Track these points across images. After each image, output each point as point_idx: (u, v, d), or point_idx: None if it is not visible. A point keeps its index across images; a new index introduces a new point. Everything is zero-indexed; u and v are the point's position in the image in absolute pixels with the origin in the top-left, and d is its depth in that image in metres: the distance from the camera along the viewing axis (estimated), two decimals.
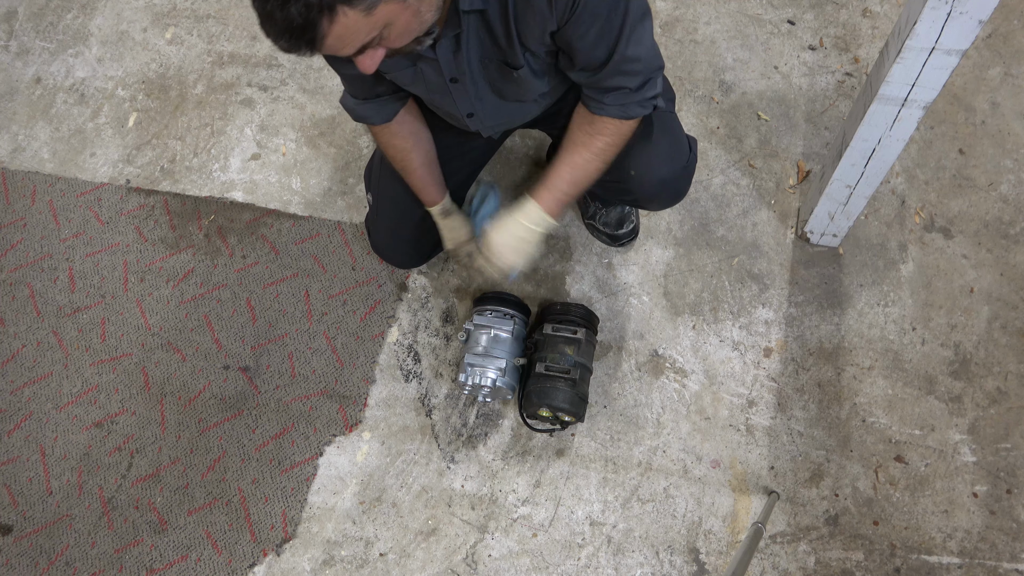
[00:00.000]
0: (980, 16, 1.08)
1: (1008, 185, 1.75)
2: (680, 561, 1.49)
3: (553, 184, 1.30)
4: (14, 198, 1.95)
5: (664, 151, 1.38)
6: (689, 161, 1.42)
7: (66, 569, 1.58)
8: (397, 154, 1.45)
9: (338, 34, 0.91)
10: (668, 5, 2.01)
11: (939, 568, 1.46)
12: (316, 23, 0.88)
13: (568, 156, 1.30)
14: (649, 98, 1.23)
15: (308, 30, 0.88)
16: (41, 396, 1.73)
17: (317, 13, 0.87)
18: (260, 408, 1.67)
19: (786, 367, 1.63)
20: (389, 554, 1.53)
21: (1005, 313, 1.64)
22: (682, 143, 1.41)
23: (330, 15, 0.88)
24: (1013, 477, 1.52)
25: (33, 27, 2.18)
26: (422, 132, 1.45)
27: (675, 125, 1.41)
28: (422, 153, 1.45)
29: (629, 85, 1.19)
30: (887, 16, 1.96)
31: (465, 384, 1.53)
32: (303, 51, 0.91)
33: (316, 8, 0.87)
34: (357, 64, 1.01)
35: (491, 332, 1.55)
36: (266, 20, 0.89)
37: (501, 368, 1.51)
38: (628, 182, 1.41)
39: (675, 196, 1.48)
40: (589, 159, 1.28)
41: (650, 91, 1.22)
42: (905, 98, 1.26)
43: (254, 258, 1.82)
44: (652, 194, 1.44)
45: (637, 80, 1.19)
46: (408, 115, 1.42)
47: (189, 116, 2.01)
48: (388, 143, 1.45)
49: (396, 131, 1.42)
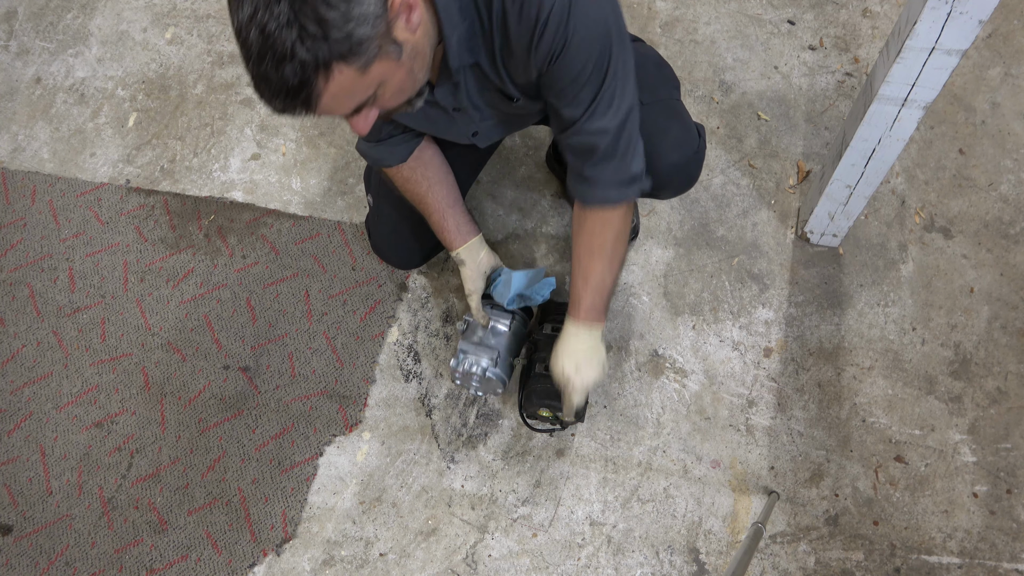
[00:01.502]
0: (980, 16, 1.08)
1: (1008, 185, 1.75)
2: (680, 561, 1.49)
3: (578, 301, 1.30)
4: (14, 198, 1.95)
5: (674, 137, 1.37)
6: (700, 146, 1.41)
7: (66, 569, 1.58)
8: (413, 198, 1.46)
9: (333, 93, 0.91)
10: (668, 5, 2.01)
11: (939, 568, 1.46)
12: (312, 82, 0.88)
13: (577, 267, 1.30)
14: (626, 180, 1.22)
15: (304, 89, 0.88)
16: (41, 396, 1.73)
17: (313, 72, 0.87)
18: (260, 408, 1.67)
19: (786, 367, 1.63)
20: (389, 554, 1.53)
21: (1005, 313, 1.64)
22: (691, 129, 1.40)
23: (326, 73, 0.88)
24: (1013, 477, 1.52)
25: (33, 27, 2.18)
26: (439, 174, 1.45)
27: (683, 112, 1.40)
28: (438, 196, 1.45)
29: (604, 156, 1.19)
30: (887, 16, 1.96)
31: (456, 370, 1.49)
32: (299, 111, 0.91)
33: (312, 66, 0.87)
34: (351, 125, 1.01)
35: (490, 324, 1.53)
36: (261, 82, 0.89)
37: (494, 359, 1.49)
38: None
39: (687, 182, 1.46)
40: (597, 261, 1.28)
41: (623, 171, 1.21)
42: (905, 98, 1.26)
43: (254, 258, 1.82)
44: (665, 181, 1.42)
45: (611, 151, 1.18)
46: (424, 155, 1.42)
47: (189, 116, 2.01)
48: (403, 187, 1.45)
49: (409, 175, 1.42)
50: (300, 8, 0.84)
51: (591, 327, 1.31)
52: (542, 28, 1.04)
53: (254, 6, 0.84)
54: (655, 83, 1.38)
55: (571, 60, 1.08)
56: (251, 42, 0.86)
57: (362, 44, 0.88)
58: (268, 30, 0.84)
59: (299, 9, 0.84)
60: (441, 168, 1.46)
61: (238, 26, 0.86)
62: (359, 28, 0.87)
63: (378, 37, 0.90)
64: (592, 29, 1.07)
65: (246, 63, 0.88)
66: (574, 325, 1.31)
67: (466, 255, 1.48)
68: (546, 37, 1.05)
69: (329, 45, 0.86)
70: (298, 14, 0.84)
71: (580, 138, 1.18)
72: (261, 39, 0.85)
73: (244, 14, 0.85)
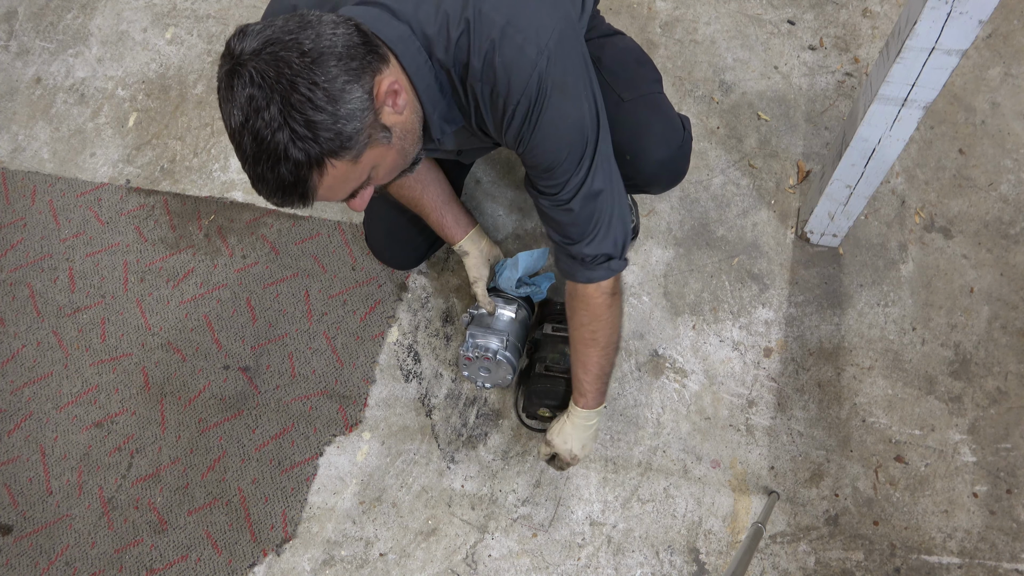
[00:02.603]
0: (980, 16, 1.08)
1: (1008, 185, 1.75)
2: (680, 561, 1.49)
3: (583, 391, 1.37)
4: (14, 198, 1.95)
5: (657, 133, 1.37)
6: (684, 140, 1.41)
7: (66, 569, 1.58)
8: (409, 202, 1.49)
9: (328, 184, 0.93)
10: (668, 5, 2.01)
11: (939, 568, 1.46)
12: (307, 179, 0.90)
13: (576, 356, 1.35)
14: (600, 259, 1.23)
15: (299, 186, 0.91)
16: (41, 396, 1.73)
17: (307, 170, 0.90)
18: (260, 408, 1.67)
19: (786, 367, 1.63)
20: (389, 554, 1.53)
21: (1005, 313, 1.64)
22: (675, 123, 1.40)
23: (319, 169, 0.90)
24: (1013, 477, 1.52)
25: (33, 27, 2.18)
26: (430, 175, 1.47)
27: (665, 105, 1.40)
28: (432, 196, 1.48)
29: (572, 236, 1.21)
30: (887, 16, 1.96)
31: (465, 355, 1.50)
32: (297, 205, 0.94)
33: (306, 165, 0.89)
34: (349, 206, 1.03)
35: (496, 312, 1.54)
36: (258, 181, 0.91)
37: (504, 342, 1.50)
38: (625, 167, 1.40)
39: (675, 177, 1.46)
40: (593, 351, 1.32)
41: (596, 248, 1.22)
42: (905, 98, 1.26)
43: (254, 258, 1.82)
44: (651, 177, 1.43)
45: (579, 233, 1.20)
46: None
47: (189, 116, 2.01)
48: (398, 193, 1.47)
49: (401, 182, 1.43)
50: (289, 113, 0.86)
51: (595, 411, 1.39)
52: (509, 119, 1.07)
53: (245, 114, 0.87)
54: (636, 79, 1.38)
55: (538, 151, 1.11)
56: (246, 146, 0.89)
57: (352, 139, 0.91)
58: (261, 136, 0.87)
59: (288, 114, 0.86)
60: (432, 170, 1.48)
61: (231, 131, 0.89)
62: (348, 125, 0.90)
63: (367, 128, 0.92)
64: (561, 126, 1.08)
65: (243, 164, 0.91)
66: (583, 412, 1.39)
67: (469, 245, 1.53)
68: (512, 127, 1.08)
69: (320, 144, 0.89)
70: (287, 119, 0.86)
71: (550, 213, 1.20)
72: (255, 144, 0.88)
73: (236, 121, 0.88)
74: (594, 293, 1.26)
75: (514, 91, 1.03)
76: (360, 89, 0.91)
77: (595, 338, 1.31)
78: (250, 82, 0.86)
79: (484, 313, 1.54)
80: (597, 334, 1.31)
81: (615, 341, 1.34)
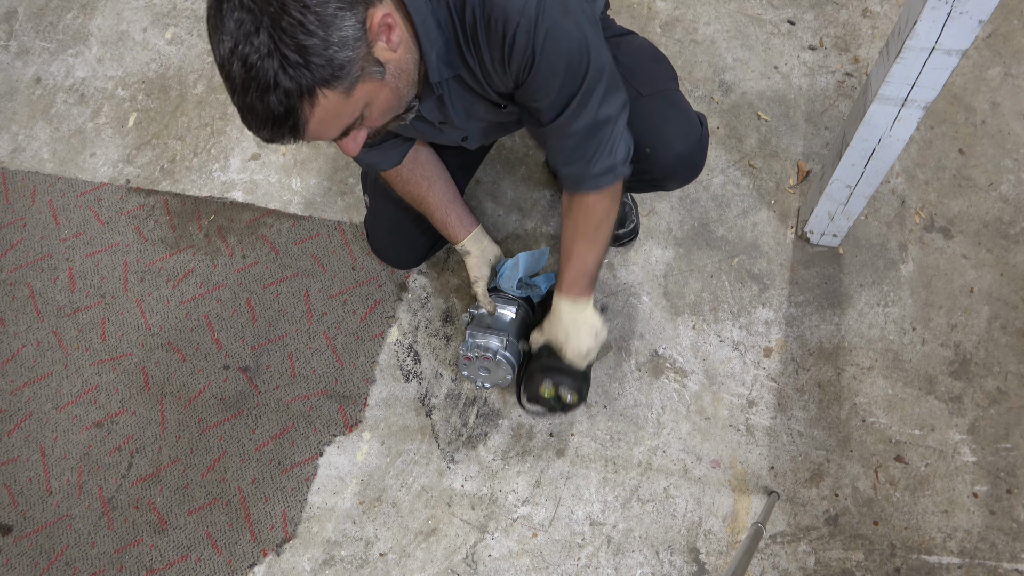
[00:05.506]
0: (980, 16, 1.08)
1: (1008, 185, 1.75)
2: (680, 561, 1.49)
3: (561, 278, 1.34)
4: (14, 198, 1.95)
5: (677, 126, 1.37)
6: (703, 134, 1.41)
7: (66, 569, 1.58)
8: (413, 200, 1.48)
9: (320, 118, 0.92)
10: (668, 5, 2.01)
11: (939, 568, 1.46)
12: (297, 109, 0.89)
13: (562, 250, 1.33)
14: (605, 169, 1.23)
15: (290, 117, 0.89)
16: (41, 396, 1.73)
17: (297, 99, 0.88)
18: (260, 408, 1.67)
19: (786, 367, 1.63)
20: (389, 554, 1.53)
21: (1005, 313, 1.64)
22: (692, 118, 1.40)
23: (310, 99, 0.89)
24: (1013, 477, 1.52)
25: (33, 27, 2.18)
26: (436, 172, 1.47)
27: (682, 101, 1.41)
28: (438, 194, 1.47)
29: (579, 153, 1.20)
30: (887, 16, 1.96)
31: (465, 354, 1.49)
32: (287, 139, 0.92)
33: (296, 94, 0.87)
34: (340, 147, 1.02)
35: (496, 312, 1.54)
36: (247, 112, 0.89)
37: (503, 341, 1.49)
38: (644, 161, 1.40)
39: (693, 171, 1.46)
40: (580, 243, 1.31)
41: (600, 163, 1.21)
42: (905, 98, 1.26)
43: (254, 258, 1.82)
44: (670, 171, 1.42)
45: (586, 149, 1.19)
46: (419, 156, 1.43)
47: (189, 116, 2.01)
48: (402, 189, 1.47)
49: (408, 177, 1.44)
50: (280, 38, 0.84)
51: (575, 300, 1.34)
52: (511, 44, 1.05)
53: (234, 39, 0.85)
54: (652, 75, 1.38)
55: (543, 73, 1.09)
56: (234, 75, 0.87)
57: (344, 68, 0.89)
58: (250, 62, 0.85)
59: (279, 39, 0.84)
60: (437, 167, 1.48)
61: (220, 60, 0.87)
62: (340, 52, 0.88)
63: (360, 59, 0.91)
64: (563, 42, 1.07)
65: (231, 95, 0.89)
66: (557, 299, 1.35)
67: (471, 245, 1.53)
68: (516, 53, 1.06)
69: (311, 72, 0.87)
70: (278, 44, 0.84)
71: (556, 141, 1.20)
72: (244, 71, 0.86)
73: (225, 48, 0.86)
74: (597, 199, 1.26)
75: (512, 12, 1.02)
76: (353, 18, 0.88)
77: (585, 231, 1.30)
78: (239, 5, 0.84)
79: (484, 313, 1.54)
80: (589, 228, 1.29)
81: (603, 238, 1.33)
